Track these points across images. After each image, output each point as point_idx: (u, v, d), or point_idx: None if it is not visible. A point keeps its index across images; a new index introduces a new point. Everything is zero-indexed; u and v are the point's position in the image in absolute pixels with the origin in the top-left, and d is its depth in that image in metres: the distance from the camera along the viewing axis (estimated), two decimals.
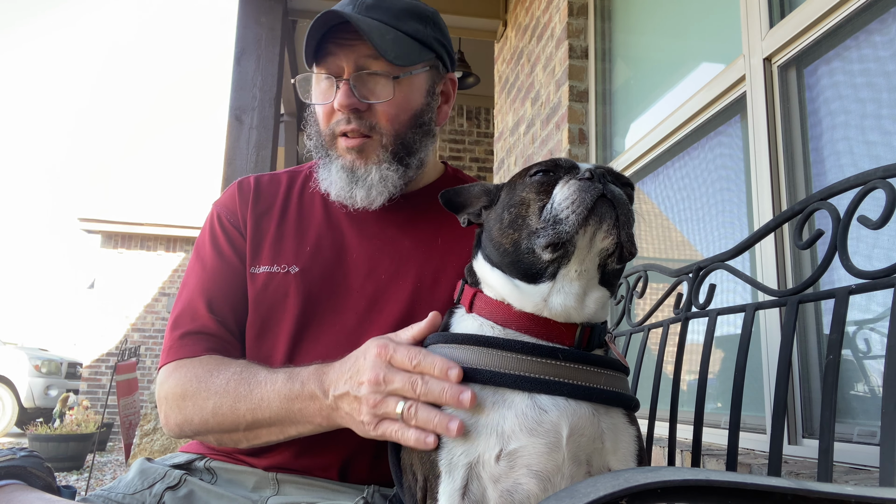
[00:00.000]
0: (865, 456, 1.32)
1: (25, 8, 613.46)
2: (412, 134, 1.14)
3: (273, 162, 3.85)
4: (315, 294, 1.12)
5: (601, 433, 0.81)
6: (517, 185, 0.87)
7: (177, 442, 3.43)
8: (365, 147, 1.11)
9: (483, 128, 6.37)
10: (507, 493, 0.77)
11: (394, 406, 0.83)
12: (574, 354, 0.82)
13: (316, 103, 1.14)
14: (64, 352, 11.85)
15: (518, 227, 0.83)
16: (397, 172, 1.13)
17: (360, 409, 0.86)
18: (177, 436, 1.09)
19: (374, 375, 0.84)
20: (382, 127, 1.11)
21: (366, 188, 1.11)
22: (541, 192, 0.83)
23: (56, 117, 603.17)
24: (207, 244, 1.18)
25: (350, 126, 1.10)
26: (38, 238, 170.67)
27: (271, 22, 3.98)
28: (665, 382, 1.31)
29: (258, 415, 0.97)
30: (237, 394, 0.99)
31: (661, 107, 2.50)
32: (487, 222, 0.91)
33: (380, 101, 1.10)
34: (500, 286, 0.85)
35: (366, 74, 1.09)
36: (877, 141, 1.46)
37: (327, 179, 1.14)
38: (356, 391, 0.86)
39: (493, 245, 0.87)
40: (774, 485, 0.42)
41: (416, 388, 0.81)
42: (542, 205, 0.81)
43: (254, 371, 1.01)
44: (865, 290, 0.87)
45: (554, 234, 0.78)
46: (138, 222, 10.25)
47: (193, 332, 1.11)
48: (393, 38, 1.08)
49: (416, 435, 0.80)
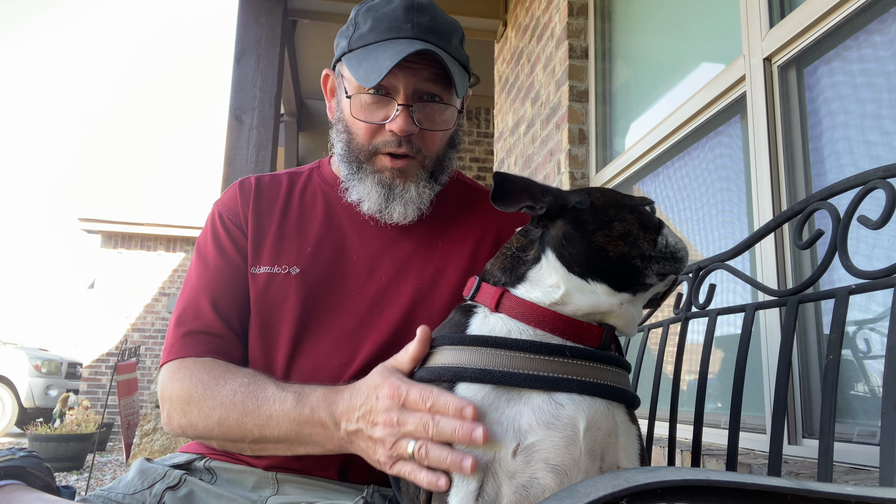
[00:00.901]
0: (865, 456, 1.32)
1: (27, 8, 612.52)
2: (446, 152, 1.17)
3: (273, 162, 3.85)
4: (315, 295, 1.12)
5: (616, 427, 0.82)
6: (624, 205, 0.90)
7: (177, 442, 3.44)
8: (408, 167, 1.12)
9: (483, 128, 6.37)
10: (521, 488, 0.77)
11: (405, 447, 0.82)
12: (581, 351, 0.83)
13: (362, 119, 1.10)
14: (64, 352, 11.85)
15: (629, 242, 0.87)
16: (433, 190, 1.15)
17: (375, 450, 0.86)
18: (179, 436, 1.09)
19: (387, 418, 0.83)
20: (427, 150, 1.12)
21: (403, 204, 1.12)
22: (651, 223, 0.90)
23: (56, 117, 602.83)
24: (210, 243, 1.18)
25: (400, 149, 1.10)
26: (38, 238, 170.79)
27: (271, 22, 3.98)
28: (665, 382, 1.31)
29: (266, 432, 0.97)
30: (244, 408, 0.98)
31: (661, 107, 2.50)
32: (580, 224, 0.88)
33: (435, 129, 1.11)
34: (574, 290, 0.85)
35: (424, 101, 1.10)
36: (877, 141, 1.46)
37: (360, 192, 1.13)
38: (370, 431, 0.86)
39: (589, 247, 0.86)
40: (774, 485, 0.42)
41: (429, 429, 0.80)
42: (654, 237, 0.89)
43: (262, 385, 1.00)
44: (865, 290, 0.87)
45: (674, 267, 0.90)
46: (138, 222, 10.26)
47: (197, 331, 1.11)
48: (458, 71, 1.09)
49: (427, 477, 0.79)
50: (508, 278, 0.89)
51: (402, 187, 1.12)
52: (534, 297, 0.86)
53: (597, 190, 0.93)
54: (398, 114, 1.07)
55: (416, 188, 1.12)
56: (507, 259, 0.92)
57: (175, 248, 10.51)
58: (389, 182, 1.11)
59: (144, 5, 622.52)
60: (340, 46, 1.15)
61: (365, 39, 1.08)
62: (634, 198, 0.93)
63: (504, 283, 0.89)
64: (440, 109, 1.11)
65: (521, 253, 0.91)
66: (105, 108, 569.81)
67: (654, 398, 1.30)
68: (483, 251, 1.18)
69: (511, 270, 0.90)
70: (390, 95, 1.08)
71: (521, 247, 0.92)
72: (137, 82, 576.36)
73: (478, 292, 0.91)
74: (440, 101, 1.11)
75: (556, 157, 3.12)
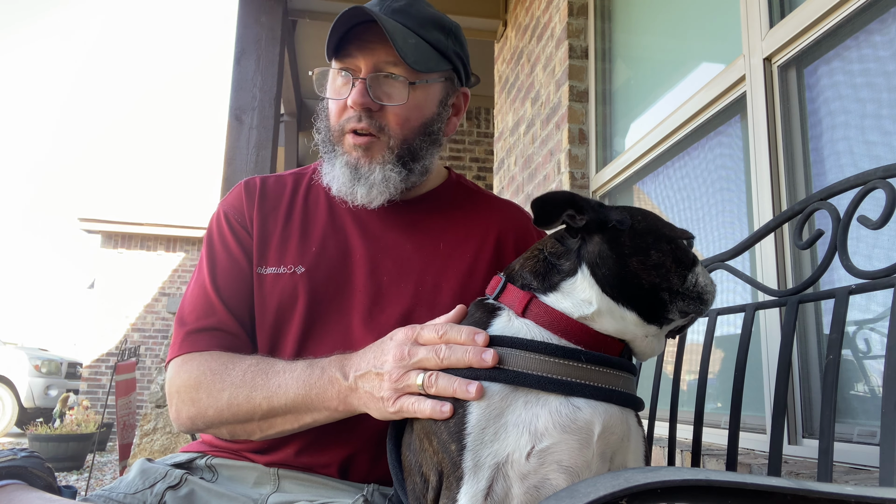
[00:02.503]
0: (865, 456, 1.32)
1: (28, 8, 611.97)
2: (420, 141, 1.15)
3: (273, 162, 3.85)
4: (321, 294, 1.13)
5: (629, 431, 0.83)
6: (663, 235, 0.88)
7: (177, 443, 3.44)
8: (371, 146, 1.12)
9: (483, 128, 6.37)
10: (533, 488, 0.78)
11: (414, 378, 0.84)
12: (595, 357, 0.83)
13: (329, 98, 1.15)
14: (64, 352, 11.85)
15: (661, 274, 0.86)
16: (400, 175, 1.13)
17: (380, 385, 0.88)
18: (188, 430, 1.10)
19: (398, 352, 0.87)
20: (391, 129, 1.12)
21: (367, 186, 1.12)
22: (686, 258, 0.88)
23: (57, 117, 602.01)
24: (217, 242, 1.18)
25: (360, 124, 1.11)
26: (38, 238, 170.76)
27: (271, 22, 3.98)
28: (665, 382, 1.31)
29: (274, 402, 0.98)
30: (254, 383, 1.00)
31: (661, 107, 2.50)
32: (619, 245, 0.86)
33: (393, 103, 1.11)
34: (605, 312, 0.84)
35: (382, 76, 1.10)
36: (877, 141, 1.46)
37: (330, 174, 1.15)
38: (379, 368, 0.88)
39: (624, 271, 0.85)
40: (774, 485, 0.42)
41: (440, 354, 0.83)
42: (685, 273, 0.87)
43: (271, 361, 1.03)
44: (865, 290, 0.87)
45: (698, 308, 0.88)
46: (138, 222, 10.26)
47: (207, 328, 1.11)
48: (414, 43, 1.10)
49: (431, 405, 0.81)
50: (540, 284, 0.88)
51: (368, 168, 1.12)
52: (563, 307, 0.85)
53: (639, 212, 0.91)
54: (354, 87, 1.10)
55: (381, 170, 1.12)
56: (540, 263, 0.90)
57: (175, 248, 10.51)
58: (355, 162, 1.12)
59: (145, 5, 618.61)
60: None
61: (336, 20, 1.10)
62: (675, 229, 0.91)
63: (534, 289, 0.87)
64: (398, 85, 1.11)
65: (555, 260, 0.89)
66: (105, 109, 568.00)
67: (655, 398, 1.30)
68: (485, 254, 1.18)
69: (544, 277, 0.88)
70: (356, 75, 1.10)
71: (555, 253, 0.90)
72: (137, 82, 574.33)
73: (503, 292, 0.90)
74: (400, 77, 1.11)
75: (556, 157, 3.12)
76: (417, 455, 0.86)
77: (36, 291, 58.08)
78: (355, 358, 0.94)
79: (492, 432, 0.78)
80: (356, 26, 1.10)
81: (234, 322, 1.12)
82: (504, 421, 0.78)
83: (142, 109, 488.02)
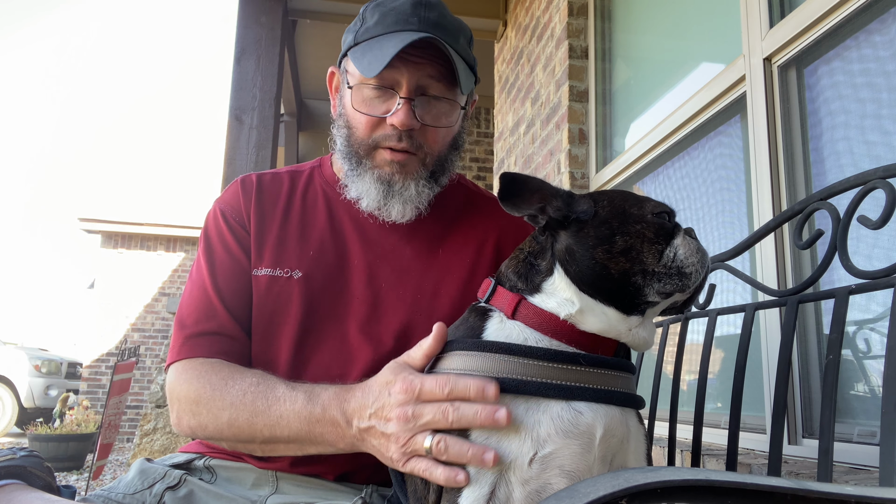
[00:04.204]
0: (865, 456, 1.32)
1: (28, 8, 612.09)
2: (449, 154, 1.15)
3: (273, 162, 3.85)
4: (317, 300, 1.11)
5: (629, 433, 0.82)
6: (629, 214, 0.85)
7: (177, 444, 3.43)
8: (408, 163, 1.10)
9: (483, 128, 6.36)
10: (534, 493, 0.77)
11: (422, 441, 0.80)
12: (594, 359, 0.82)
13: (363, 112, 1.09)
14: (64, 352, 11.85)
15: (632, 259, 0.82)
16: (432, 190, 1.13)
17: (388, 447, 0.84)
18: (189, 437, 1.08)
19: (401, 412, 0.82)
20: (429, 147, 1.11)
21: (402, 202, 1.10)
22: (660, 235, 0.84)
23: (57, 117, 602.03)
24: (215, 241, 1.16)
25: (400, 144, 1.08)
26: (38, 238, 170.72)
27: (271, 22, 3.98)
28: (665, 382, 1.31)
29: (276, 432, 0.96)
30: (254, 408, 0.97)
31: (661, 107, 2.50)
32: (583, 237, 0.85)
33: (438, 126, 1.10)
34: (586, 310, 0.83)
35: (430, 98, 1.09)
36: (877, 141, 1.46)
37: (359, 189, 1.12)
38: (383, 427, 0.84)
39: (592, 264, 0.83)
40: (774, 485, 0.42)
41: (448, 416, 0.78)
42: (661, 249, 0.83)
43: (271, 385, 0.99)
44: (865, 290, 0.87)
45: (678, 285, 0.83)
46: (138, 222, 10.25)
47: (207, 332, 1.09)
48: (464, 68, 1.08)
49: (445, 473, 0.77)
50: (525, 285, 0.87)
51: (402, 184, 1.10)
52: (550, 307, 0.84)
53: (605, 197, 0.88)
54: (399, 107, 1.06)
55: (415, 186, 1.10)
56: (521, 264, 0.90)
57: (175, 248, 10.51)
58: (389, 178, 1.10)
59: (146, 5, 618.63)
60: (347, 41, 1.14)
61: (371, 32, 1.08)
62: (646, 205, 0.87)
63: (521, 290, 0.87)
64: (444, 107, 1.10)
65: (534, 259, 0.89)
66: (105, 108, 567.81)
67: (654, 398, 1.30)
68: (484, 258, 1.16)
69: (527, 278, 0.88)
70: (393, 89, 1.07)
71: (533, 252, 0.90)
72: (137, 82, 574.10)
73: (493, 295, 0.89)
74: (444, 99, 1.10)
75: (556, 157, 3.12)
76: None
77: (36, 291, 58.05)
78: (354, 401, 0.89)
79: (494, 440, 0.78)
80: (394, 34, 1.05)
81: (235, 325, 1.10)
82: (506, 428, 0.78)
83: (142, 109, 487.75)
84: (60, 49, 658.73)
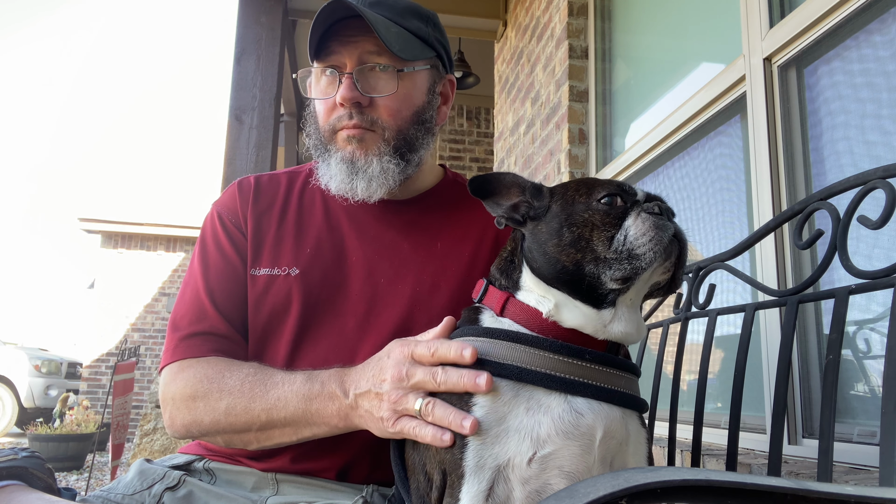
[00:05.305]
0: (865, 456, 1.32)
1: (28, 8, 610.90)
2: (414, 130, 1.14)
3: (273, 162, 3.85)
4: (315, 297, 1.11)
5: (628, 436, 0.82)
6: (577, 203, 0.84)
7: (176, 443, 3.43)
8: (366, 137, 1.10)
9: (483, 128, 6.37)
10: (535, 493, 0.77)
11: (413, 402, 0.84)
12: (599, 356, 0.82)
13: (316, 98, 1.14)
14: (64, 352, 11.85)
15: (581, 248, 0.81)
16: (398, 166, 1.12)
17: (380, 406, 0.87)
18: (182, 437, 1.09)
19: (396, 372, 0.86)
20: (384, 121, 1.11)
21: (366, 179, 1.10)
22: (609, 219, 0.81)
23: (57, 117, 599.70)
24: (210, 244, 1.17)
25: (352, 122, 1.09)
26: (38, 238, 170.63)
27: (271, 22, 3.98)
28: (665, 382, 1.31)
29: (273, 415, 0.97)
30: (252, 394, 0.99)
31: (661, 107, 2.50)
32: (537, 233, 0.86)
33: (382, 94, 1.09)
34: (561, 305, 0.83)
35: (368, 69, 1.09)
36: (877, 141, 1.46)
37: (327, 174, 1.13)
38: (378, 388, 0.88)
39: (546, 260, 0.84)
40: (774, 485, 0.42)
41: (437, 378, 0.82)
42: (611, 234, 0.80)
43: (269, 372, 1.01)
44: (865, 290, 0.87)
45: (630, 269, 0.79)
46: (138, 222, 10.25)
47: (200, 332, 1.10)
48: (397, 31, 1.09)
49: (433, 432, 0.81)
50: (508, 283, 0.89)
51: (364, 161, 1.10)
52: (532, 304, 0.85)
53: (559, 189, 0.89)
54: (341, 84, 1.08)
55: (378, 162, 1.10)
56: (504, 262, 0.92)
57: (175, 248, 10.51)
58: (351, 156, 1.10)
59: (146, 5, 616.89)
60: None
61: (315, 23, 1.08)
62: (595, 191, 0.84)
63: (507, 288, 0.89)
64: (385, 76, 1.10)
65: (512, 258, 0.91)
66: (105, 108, 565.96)
67: (654, 398, 1.30)
68: (482, 254, 1.17)
69: (508, 275, 0.90)
70: (341, 71, 1.09)
71: (513, 250, 0.92)
72: (137, 82, 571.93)
73: (485, 295, 0.91)
74: (389, 67, 1.09)
75: (556, 157, 3.12)
76: (422, 454, 0.86)
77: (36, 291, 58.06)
78: (354, 374, 0.93)
79: (493, 435, 0.78)
80: (336, 23, 1.08)
81: (228, 325, 1.11)
82: (506, 426, 0.78)
83: (142, 109, 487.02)
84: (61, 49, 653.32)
